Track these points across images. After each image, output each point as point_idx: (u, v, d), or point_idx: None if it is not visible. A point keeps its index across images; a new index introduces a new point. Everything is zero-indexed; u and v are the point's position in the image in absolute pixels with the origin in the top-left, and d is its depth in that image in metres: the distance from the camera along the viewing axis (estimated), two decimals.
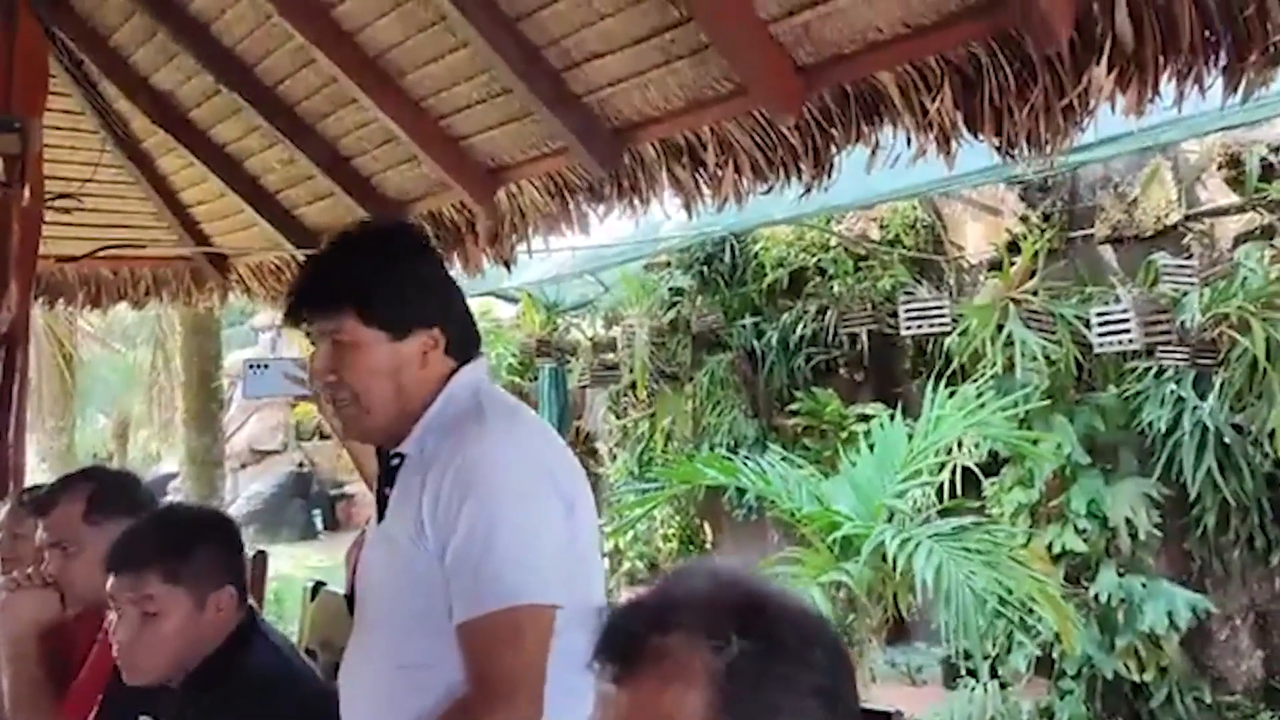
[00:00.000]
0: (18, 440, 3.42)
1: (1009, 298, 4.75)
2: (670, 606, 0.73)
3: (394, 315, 1.29)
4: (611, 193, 3.13)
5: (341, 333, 1.29)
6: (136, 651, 1.58)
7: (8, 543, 2.36)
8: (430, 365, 1.31)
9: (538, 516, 1.22)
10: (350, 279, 1.32)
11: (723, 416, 6.88)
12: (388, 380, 1.28)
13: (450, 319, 1.33)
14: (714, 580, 0.77)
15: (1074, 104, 2.09)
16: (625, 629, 0.74)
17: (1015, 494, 4.72)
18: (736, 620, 0.72)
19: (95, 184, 4.24)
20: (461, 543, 1.20)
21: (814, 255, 6.67)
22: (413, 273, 1.33)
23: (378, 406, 1.29)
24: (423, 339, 1.30)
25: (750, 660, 0.70)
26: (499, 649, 1.17)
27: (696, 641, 0.71)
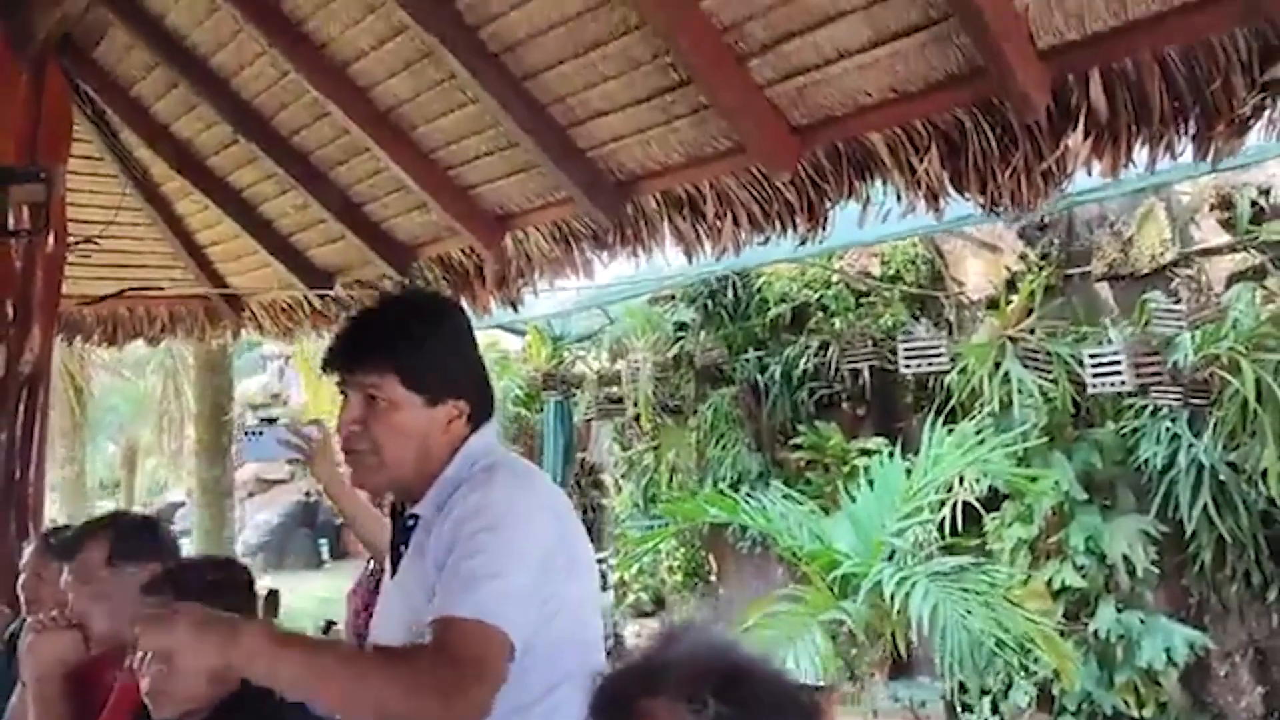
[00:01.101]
0: (38, 479, 3.52)
1: (1006, 336, 4.84)
2: (656, 671, 0.82)
3: (432, 383, 1.37)
4: (615, 240, 3.23)
5: (379, 389, 1.36)
6: (169, 683, 1.64)
7: (32, 584, 2.45)
8: (451, 432, 1.40)
9: (525, 546, 1.28)
10: (398, 342, 1.39)
11: (726, 450, 6.94)
12: (413, 441, 1.36)
13: (477, 391, 1.42)
14: (698, 647, 0.86)
15: (1053, 168, 2.20)
16: (616, 691, 0.83)
17: (1015, 529, 4.77)
18: (715, 684, 0.80)
19: (115, 227, 4.37)
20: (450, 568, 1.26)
21: (816, 291, 6.76)
22: (454, 346, 1.43)
23: (395, 464, 1.37)
24: (451, 408, 1.39)
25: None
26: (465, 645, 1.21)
27: (677, 705, 0.80)
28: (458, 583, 1.24)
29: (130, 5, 3.44)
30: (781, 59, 2.40)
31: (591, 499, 8.57)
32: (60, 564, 2.20)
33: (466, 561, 1.24)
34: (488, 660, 1.21)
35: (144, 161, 4.33)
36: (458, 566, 1.25)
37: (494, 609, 1.22)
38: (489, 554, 1.25)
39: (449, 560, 1.26)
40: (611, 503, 8.28)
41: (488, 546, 1.25)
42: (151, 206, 4.58)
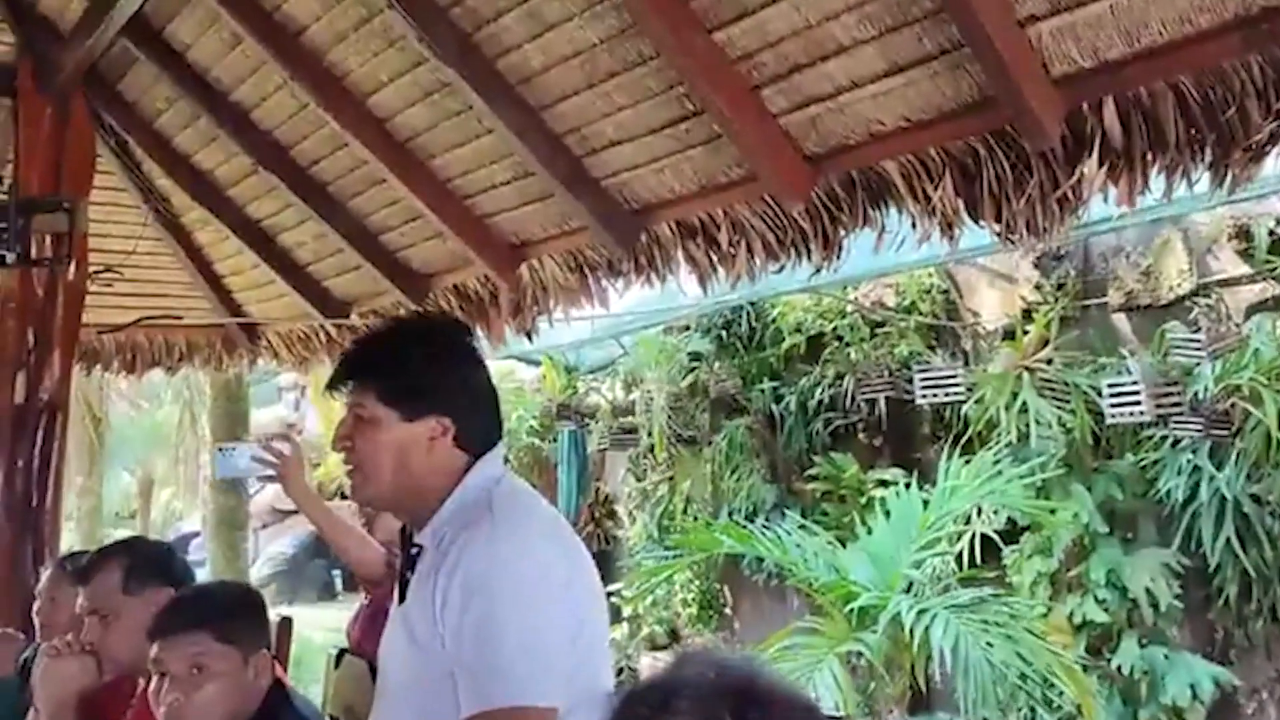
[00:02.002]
0: (54, 507, 3.54)
1: (1023, 366, 4.81)
2: (673, 692, 0.80)
3: (407, 398, 1.39)
4: (629, 269, 3.25)
5: (362, 406, 1.40)
6: (185, 710, 1.65)
7: (47, 609, 2.45)
8: (437, 453, 1.39)
9: (542, 618, 1.28)
10: (377, 359, 1.44)
11: (741, 481, 6.90)
12: (391, 456, 1.38)
13: (463, 412, 1.41)
14: (715, 667, 0.84)
15: (1068, 195, 2.19)
16: (630, 713, 0.81)
17: (1035, 562, 4.71)
18: (731, 704, 0.79)
19: (135, 256, 4.43)
20: (469, 641, 1.26)
21: (831, 321, 6.75)
22: (440, 363, 1.43)
23: (376, 478, 1.39)
24: (432, 424, 1.39)
25: None
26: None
27: None
28: (485, 670, 1.24)
29: (155, 41, 3.51)
30: (794, 88, 2.42)
31: (606, 530, 8.52)
32: (76, 589, 2.21)
33: (489, 647, 1.24)
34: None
35: (165, 191, 4.40)
36: (481, 649, 1.25)
37: (530, 687, 1.23)
38: (510, 628, 1.25)
39: (471, 645, 1.26)
40: (626, 534, 8.24)
41: (506, 621, 1.25)
42: (171, 236, 4.64)
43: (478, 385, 1.46)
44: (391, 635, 1.42)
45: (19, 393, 3.46)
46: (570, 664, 1.31)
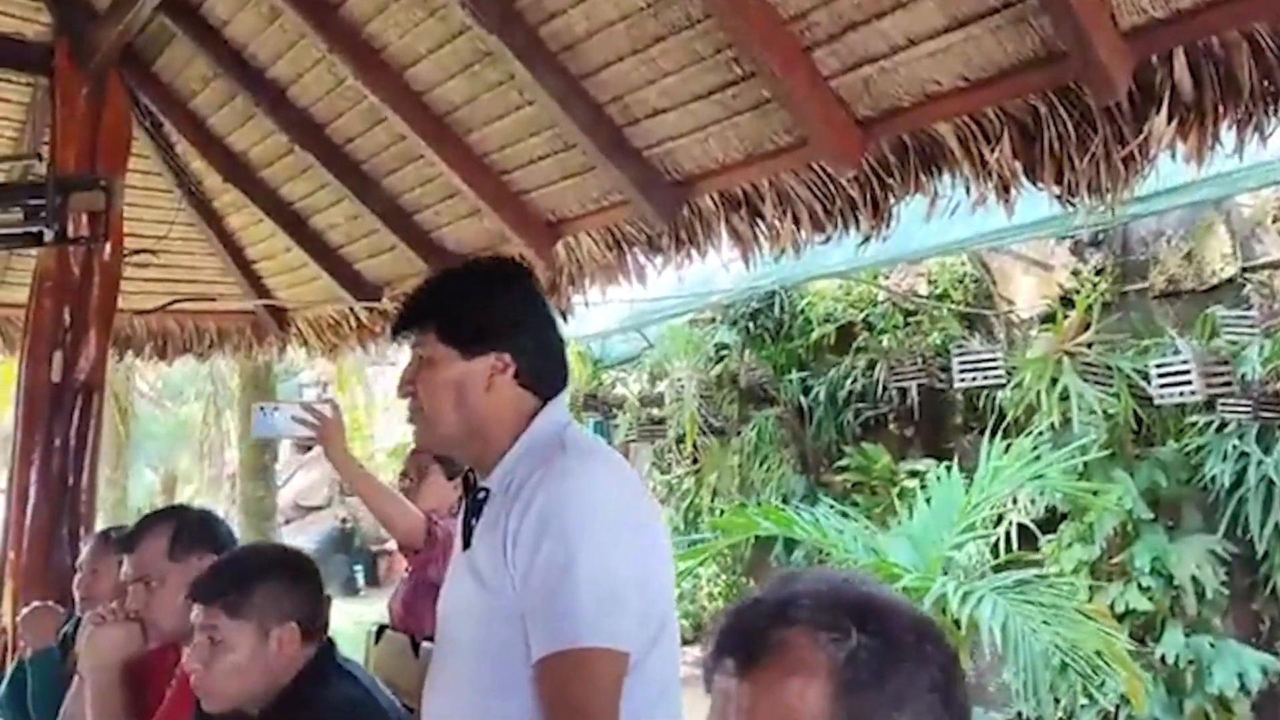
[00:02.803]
0: (90, 486, 3.53)
1: (1063, 351, 4.72)
2: (790, 601, 0.75)
3: (465, 335, 1.35)
4: (669, 244, 3.20)
5: (423, 347, 1.37)
6: (207, 679, 1.64)
7: (89, 580, 2.43)
8: (499, 391, 1.35)
9: (616, 559, 1.24)
10: (435, 299, 1.41)
11: (771, 472, 6.85)
12: (452, 395, 1.34)
13: (523, 348, 1.37)
14: (829, 580, 0.79)
15: (1135, 153, 2.12)
16: (747, 624, 0.76)
17: (1075, 551, 4.62)
18: (855, 615, 0.74)
19: (168, 240, 4.42)
20: (540, 581, 1.22)
21: (862, 310, 6.68)
22: (497, 299, 1.40)
23: (439, 419, 1.35)
24: (492, 361, 1.35)
25: (870, 654, 0.72)
26: (574, 686, 1.18)
27: (818, 635, 0.73)
28: (557, 611, 1.21)
29: (192, 16, 3.49)
30: (847, 49, 2.36)
31: None
32: (119, 557, 2.19)
33: (563, 584, 1.20)
34: (602, 694, 1.19)
35: (198, 174, 4.38)
36: (553, 590, 1.21)
37: (604, 630, 1.20)
38: (584, 569, 1.21)
39: (542, 582, 1.22)
40: None
41: (579, 561, 1.21)
42: (204, 221, 4.63)
43: (538, 323, 1.42)
44: (456, 583, 1.37)
45: (56, 372, 3.45)
46: (640, 612, 1.26)
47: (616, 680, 1.20)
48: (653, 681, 1.29)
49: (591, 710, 1.19)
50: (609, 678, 1.20)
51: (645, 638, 1.28)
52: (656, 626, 1.32)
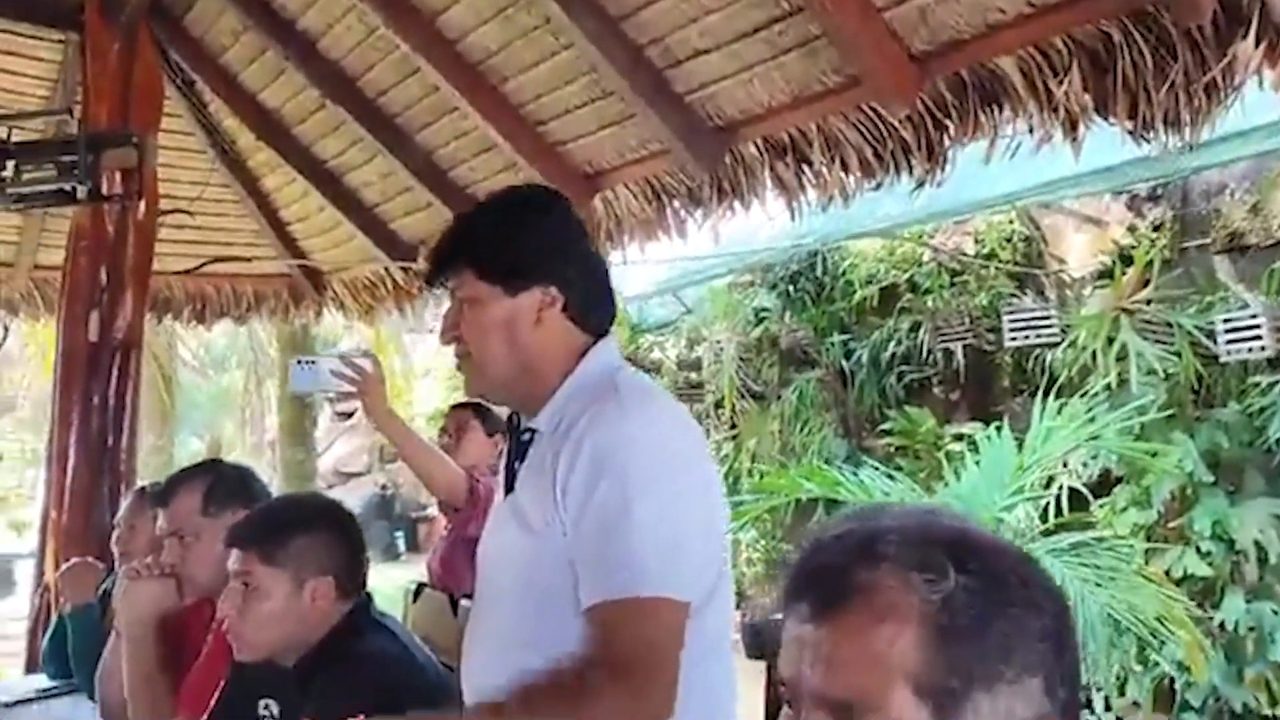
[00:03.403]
0: (130, 446, 3.52)
1: (1121, 308, 4.54)
2: (877, 537, 0.66)
3: (506, 269, 1.27)
4: (711, 195, 3.09)
5: (462, 289, 1.28)
6: (240, 626, 1.60)
7: (126, 536, 2.41)
8: (548, 326, 1.27)
9: (678, 504, 1.16)
10: (469, 236, 1.32)
11: (811, 436, 6.72)
12: (501, 335, 1.26)
13: (570, 280, 1.28)
14: (918, 514, 0.69)
15: (1217, 81, 1.98)
16: (826, 563, 0.67)
17: (1130, 515, 4.46)
18: (951, 552, 0.64)
19: (203, 203, 4.40)
20: (595, 524, 1.14)
21: (906, 270, 6.51)
22: (528, 228, 1.30)
23: (490, 362, 1.27)
24: (537, 295, 1.26)
25: (971, 596, 0.63)
26: (631, 635, 1.11)
27: (909, 574, 0.64)
28: (612, 558, 1.12)
29: None
30: None
31: None
32: (155, 512, 2.15)
33: (620, 525, 1.12)
34: (662, 645, 1.12)
35: (231, 133, 4.34)
36: (608, 535, 1.13)
37: (662, 578, 1.11)
38: (641, 513, 1.12)
39: (597, 523, 1.14)
40: None
41: (636, 505, 1.13)
42: (238, 182, 4.59)
43: (582, 253, 1.33)
44: (498, 529, 1.30)
45: (93, 331, 3.44)
46: (699, 561, 1.18)
47: (678, 631, 1.13)
48: (706, 636, 1.21)
49: (653, 663, 1.11)
50: (670, 629, 1.12)
51: (702, 590, 1.20)
52: (714, 578, 1.24)
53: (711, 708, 1.24)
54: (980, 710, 0.62)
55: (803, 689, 0.66)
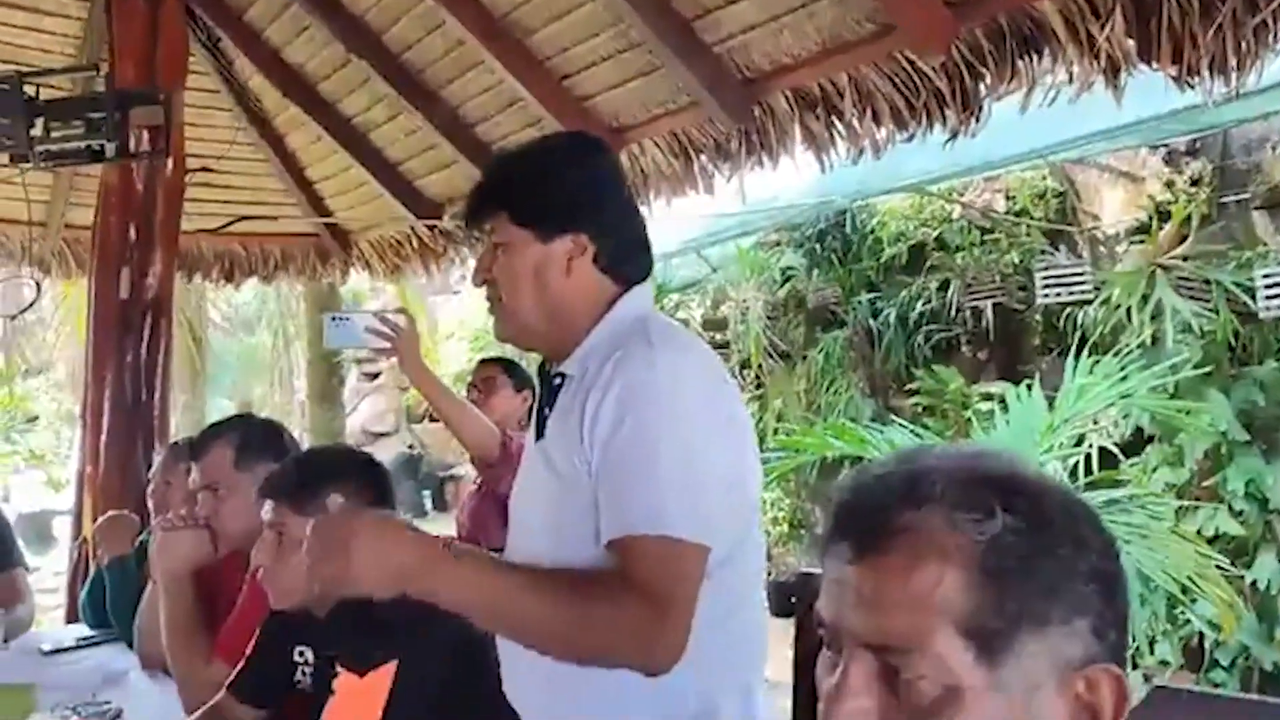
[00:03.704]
0: (163, 403, 3.56)
1: (1157, 265, 4.45)
2: (920, 477, 0.64)
3: (538, 214, 1.25)
4: (739, 149, 3.05)
5: (496, 233, 1.28)
6: (274, 575, 1.62)
7: (161, 490, 2.45)
8: (577, 275, 1.25)
9: (700, 451, 1.14)
10: (505, 179, 1.31)
11: (838, 396, 6.69)
12: (531, 281, 1.25)
13: (603, 229, 1.26)
14: (964, 454, 0.68)
15: (1268, 22, 1.91)
16: (871, 503, 0.65)
17: (1162, 473, 4.41)
18: (998, 492, 0.63)
19: (230, 162, 4.40)
20: (618, 460, 1.13)
21: (935, 228, 6.41)
22: (564, 174, 1.28)
23: (520, 307, 1.27)
24: (568, 242, 1.25)
25: (1017, 536, 0.61)
26: (650, 569, 1.09)
27: (954, 514, 0.62)
28: (632, 495, 1.11)
29: None
30: None
31: None
32: (188, 466, 2.18)
33: (642, 465, 1.11)
34: (681, 585, 1.10)
35: (257, 92, 4.32)
36: (632, 472, 1.12)
37: (681, 520, 1.10)
38: (665, 453, 1.11)
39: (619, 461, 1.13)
40: None
41: (661, 445, 1.12)
42: (265, 141, 4.59)
43: (616, 200, 1.31)
44: (529, 475, 1.30)
45: (124, 289, 3.46)
46: (724, 511, 1.17)
47: (694, 574, 1.12)
48: (732, 588, 1.21)
49: (673, 598, 1.10)
50: (687, 570, 1.11)
51: (726, 541, 1.19)
52: (742, 529, 1.23)
53: (736, 663, 1.23)
54: (1027, 651, 0.61)
55: (844, 631, 0.65)
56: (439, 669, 1.49)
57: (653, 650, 1.10)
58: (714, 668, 1.18)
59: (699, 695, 1.17)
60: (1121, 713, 0.62)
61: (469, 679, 1.47)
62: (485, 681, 1.27)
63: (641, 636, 1.09)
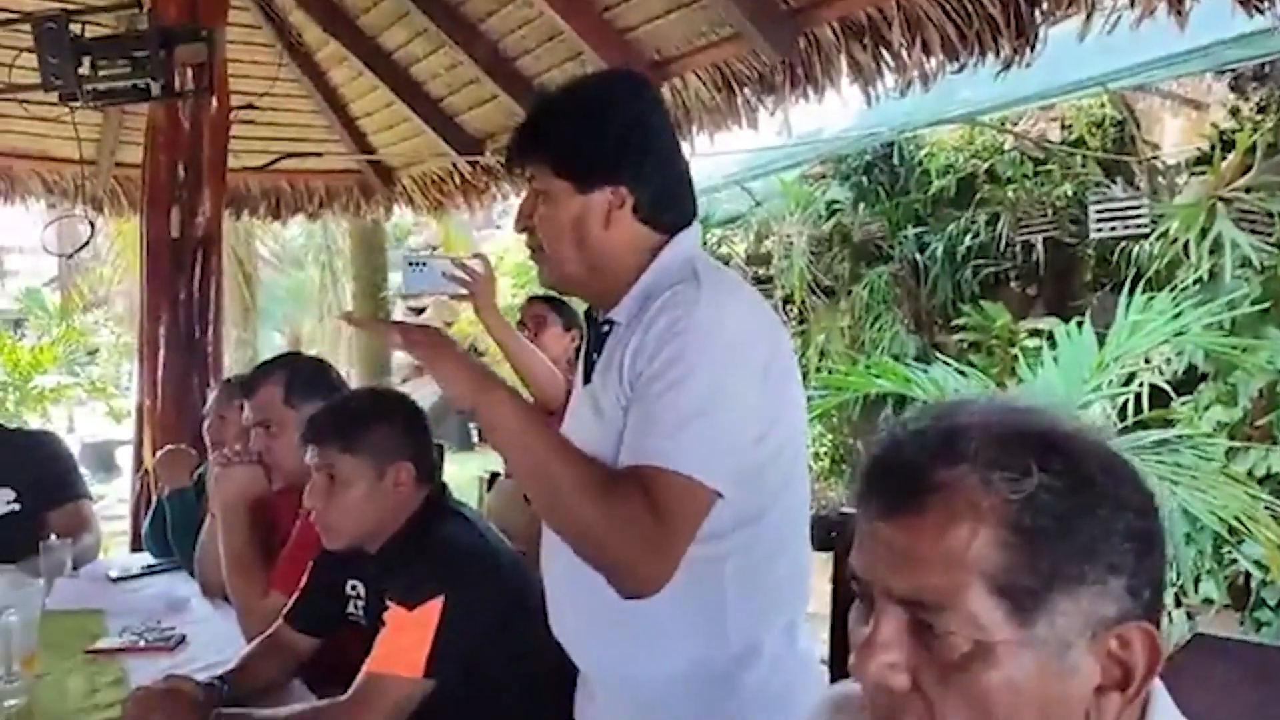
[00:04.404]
0: (216, 339, 3.64)
1: (1217, 196, 4.29)
2: (956, 434, 0.64)
3: (578, 166, 1.23)
4: (783, 81, 2.98)
5: (537, 180, 1.25)
6: (327, 515, 1.67)
7: (216, 425, 2.52)
8: (617, 227, 1.23)
9: (728, 394, 1.12)
10: (545, 128, 1.27)
11: (882, 332, 6.63)
12: (571, 233, 1.23)
13: (643, 179, 1.23)
14: (1003, 409, 0.67)
15: None
16: (906, 459, 0.65)
17: (1214, 412, 4.32)
18: (1035, 450, 0.62)
19: (272, 98, 4.40)
20: (644, 392, 1.13)
21: (986, 160, 6.24)
22: (605, 123, 1.25)
23: (561, 258, 1.25)
24: (608, 195, 1.22)
25: (1053, 495, 0.61)
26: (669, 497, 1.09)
27: (989, 473, 0.61)
28: (659, 423, 1.11)
29: None
30: None
31: None
32: (240, 402, 2.24)
33: (669, 395, 1.11)
34: (688, 517, 1.10)
35: (298, 26, 4.30)
36: (658, 401, 1.11)
37: (696, 458, 1.09)
38: (697, 392, 1.11)
39: (647, 388, 1.13)
40: None
41: (695, 382, 1.11)
42: (306, 76, 4.58)
43: (658, 148, 1.27)
44: (574, 415, 1.31)
45: (174, 227, 3.51)
46: (752, 463, 1.16)
47: (697, 514, 1.11)
48: (772, 537, 1.21)
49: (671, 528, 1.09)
50: (691, 508, 1.10)
51: (768, 490, 1.19)
52: (780, 479, 1.23)
53: (778, 604, 1.24)
54: (1060, 610, 0.61)
55: (876, 585, 0.66)
56: (486, 607, 1.53)
57: (649, 564, 1.09)
58: (756, 610, 1.20)
59: (741, 634, 1.19)
60: (1154, 668, 0.62)
61: (515, 617, 1.52)
62: (532, 620, 1.31)
63: (645, 545, 1.09)
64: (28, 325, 15.28)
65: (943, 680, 0.62)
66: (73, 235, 5.87)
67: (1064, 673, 0.61)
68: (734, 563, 1.16)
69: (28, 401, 10.13)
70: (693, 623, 1.16)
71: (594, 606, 1.19)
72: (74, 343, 11.93)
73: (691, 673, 1.18)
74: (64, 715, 1.53)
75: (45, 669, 1.71)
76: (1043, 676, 0.61)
